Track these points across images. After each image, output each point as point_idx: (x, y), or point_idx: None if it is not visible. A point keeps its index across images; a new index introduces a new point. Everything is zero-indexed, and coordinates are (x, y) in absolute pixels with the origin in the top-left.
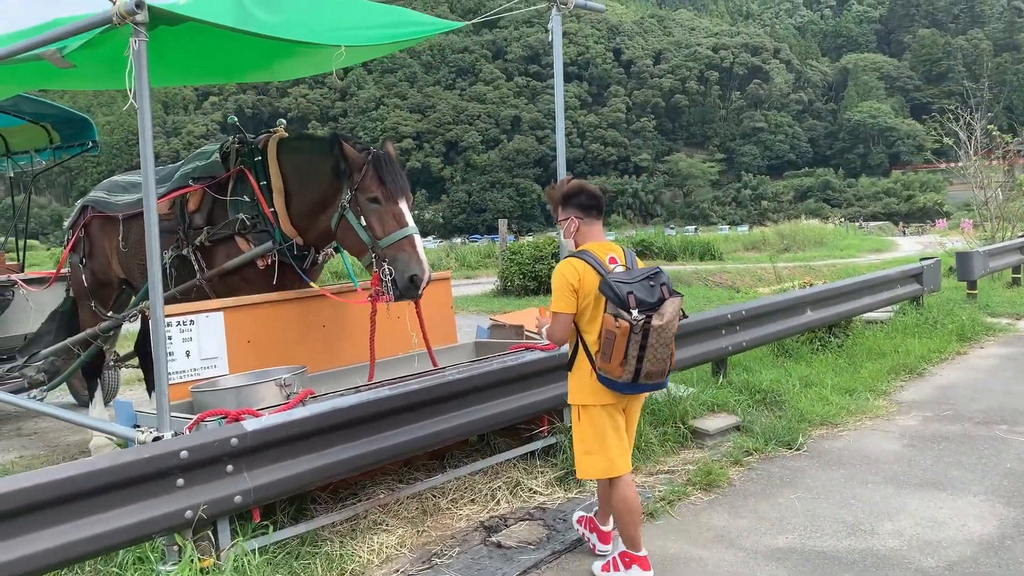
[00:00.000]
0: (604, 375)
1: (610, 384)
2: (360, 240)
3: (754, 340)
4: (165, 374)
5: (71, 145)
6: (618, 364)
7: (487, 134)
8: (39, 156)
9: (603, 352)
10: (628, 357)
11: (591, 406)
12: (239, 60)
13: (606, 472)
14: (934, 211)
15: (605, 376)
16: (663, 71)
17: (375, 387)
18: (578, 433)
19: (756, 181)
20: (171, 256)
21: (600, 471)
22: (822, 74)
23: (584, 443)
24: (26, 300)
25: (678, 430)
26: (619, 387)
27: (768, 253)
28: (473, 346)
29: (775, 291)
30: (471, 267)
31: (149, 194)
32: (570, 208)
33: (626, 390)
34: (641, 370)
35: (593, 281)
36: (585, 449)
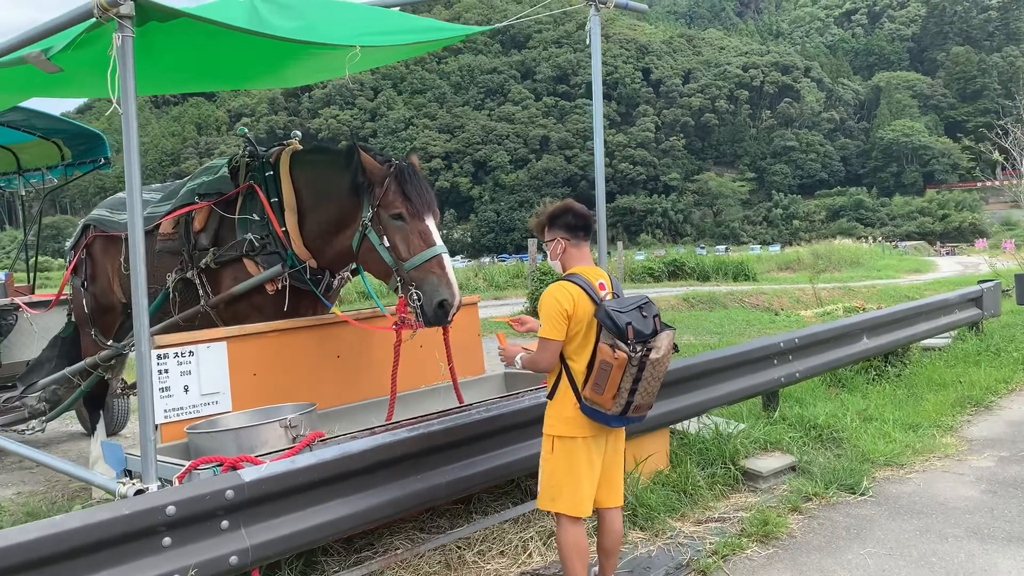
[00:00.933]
0: (592, 406)
1: (596, 415)
2: (383, 262)
3: (808, 370)
4: (151, 414)
5: (83, 162)
6: (611, 396)
7: (516, 154)
8: (50, 173)
9: (596, 383)
10: (621, 390)
11: (570, 438)
12: (243, 65)
13: (571, 510)
14: (970, 230)
15: (593, 407)
16: (692, 90)
17: (392, 428)
18: (549, 465)
19: (787, 200)
20: (175, 280)
21: (565, 507)
22: (854, 92)
23: (555, 476)
24: (30, 324)
25: (728, 471)
26: (606, 419)
27: (803, 273)
28: (502, 378)
29: (818, 314)
30: (499, 287)
31: (134, 210)
32: (556, 229)
33: (613, 422)
34: (632, 403)
35: (587, 307)
36: (554, 483)
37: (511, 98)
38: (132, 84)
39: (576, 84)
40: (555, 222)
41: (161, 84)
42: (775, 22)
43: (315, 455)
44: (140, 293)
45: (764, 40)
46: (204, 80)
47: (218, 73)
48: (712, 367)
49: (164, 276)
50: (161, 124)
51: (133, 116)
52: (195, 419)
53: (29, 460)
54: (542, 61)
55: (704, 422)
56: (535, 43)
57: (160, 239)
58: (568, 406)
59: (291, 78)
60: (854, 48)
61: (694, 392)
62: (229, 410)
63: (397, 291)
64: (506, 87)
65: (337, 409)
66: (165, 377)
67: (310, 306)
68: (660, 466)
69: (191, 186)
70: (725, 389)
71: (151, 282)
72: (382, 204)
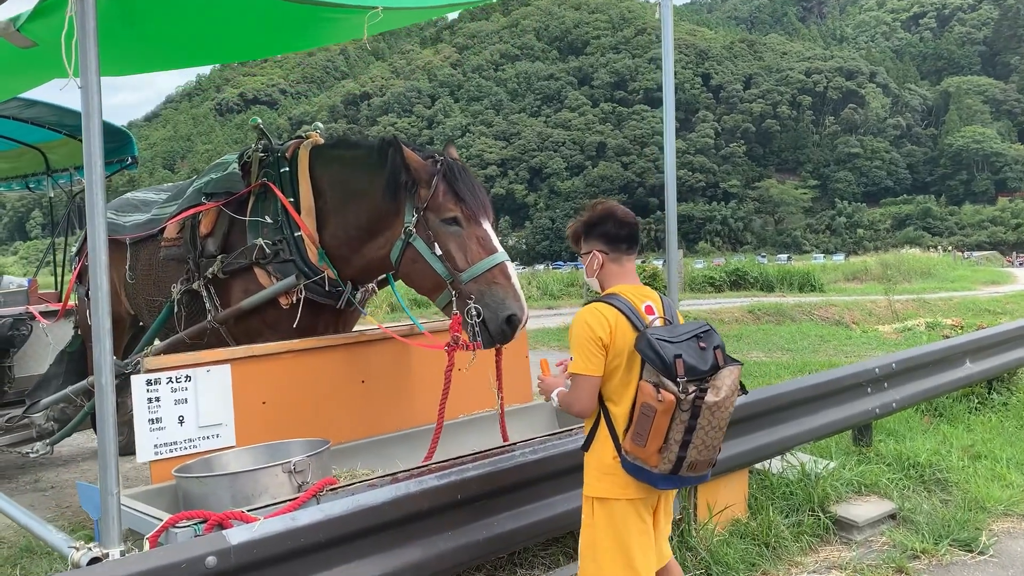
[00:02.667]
0: (634, 461)
1: (639, 474)
2: (435, 274)
3: (905, 399)
4: (112, 460)
5: (109, 162)
6: (655, 450)
7: (571, 160)
8: (78, 174)
9: (636, 432)
10: (669, 441)
11: (613, 500)
12: (237, 34)
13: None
14: None
15: (635, 463)
16: (753, 96)
17: (419, 474)
18: (588, 536)
19: (851, 208)
20: (180, 291)
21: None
22: (921, 98)
23: (596, 548)
24: (45, 335)
25: (817, 520)
26: (652, 479)
27: (871, 284)
28: (552, 407)
29: (897, 330)
30: (553, 296)
31: (95, 209)
32: (593, 239)
33: (660, 484)
34: (685, 459)
35: (627, 335)
36: (596, 557)
37: (568, 104)
38: (94, 51)
39: (634, 90)
40: (592, 231)
41: (149, 59)
42: (839, 27)
43: (322, 509)
44: (102, 313)
45: (828, 45)
46: (202, 51)
47: (205, 44)
48: (798, 397)
49: (169, 287)
50: (225, 132)
51: (96, 91)
52: (191, 456)
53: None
54: (599, 67)
55: (788, 460)
56: (593, 49)
57: (164, 244)
58: (607, 460)
59: (296, 42)
60: (922, 52)
61: (777, 427)
62: (233, 445)
63: (449, 307)
64: (563, 93)
65: (361, 443)
66: (156, 406)
67: (331, 322)
68: (737, 513)
69: (198, 185)
70: (813, 423)
71: (155, 293)
72: (431, 207)
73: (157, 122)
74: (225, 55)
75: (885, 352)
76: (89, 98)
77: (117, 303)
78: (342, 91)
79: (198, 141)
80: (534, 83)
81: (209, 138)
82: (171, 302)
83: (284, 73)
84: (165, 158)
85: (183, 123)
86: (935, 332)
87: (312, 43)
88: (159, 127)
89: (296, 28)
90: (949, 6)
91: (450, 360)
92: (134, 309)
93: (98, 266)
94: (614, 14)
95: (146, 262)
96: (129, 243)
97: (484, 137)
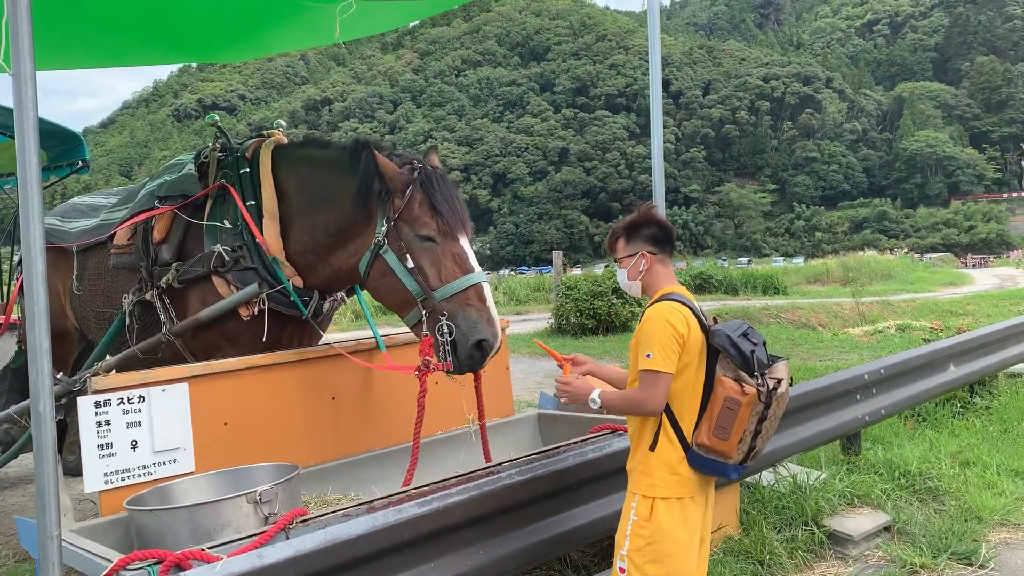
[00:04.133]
0: (709, 456)
1: (712, 467)
2: (405, 290)
3: (893, 406)
4: (52, 496)
5: (59, 165)
6: (736, 442)
7: (535, 166)
8: None
9: (720, 426)
10: (746, 432)
11: (677, 499)
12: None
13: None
14: (997, 242)
15: (710, 457)
16: (712, 101)
17: (397, 501)
18: (642, 536)
19: (809, 212)
20: (132, 302)
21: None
22: (876, 103)
23: (654, 549)
24: None
25: (812, 534)
26: (725, 470)
27: (833, 286)
28: (535, 420)
29: (868, 332)
30: (520, 301)
31: (30, 211)
32: (639, 241)
33: (733, 473)
34: (755, 448)
35: (698, 333)
36: (651, 558)
37: (530, 110)
38: (27, 33)
39: (595, 96)
40: (636, 234)
41: (100, 52)
42: (796, 33)
43: (292, 545)
44: (40, 330)
45: (785, 51)
46: (157, 48)
47: (175, 38)
48: (789, 407)
49: (119, 297)
50: (183, 138)
51: (30, 78)
52: (146, 484)
53: None
54: (561, 73)
55: (779, 472)
56: (554, 55)
57: (115, 252)
58: (674, 459)
59: (270, 44)
60: (876, 59)
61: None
62: (192, 471)
63: (419, 327)
64: (525, 99)
65: (332, 465)
66: (106, 430)
67: (295, 335)
68: (729, 529)
69: (151, 187)
70: (804, 432)
71: (105, 305)
72: (404, 218)
73: (114, 128)
74: (180, 54)
75: (860, 355)
76: (22, 86)
77: (62, 316)
78: (302, 96)
79: (155, 148)
80: (496, 89)
81: (167, 144)
82: (122, 314)
83: (243, 79)
84: (122, 165)
85: (140, 129)
86: (906, 335)
87: (283, 45)
88: (115, 133)
89: (264, 25)
90: (902, 13)
91: (422, 386)
92: (80, 323)
93: (34, 277)
94: (575, 20)
95: (94, 271)
96: (76, 251)
97: (447, 143)
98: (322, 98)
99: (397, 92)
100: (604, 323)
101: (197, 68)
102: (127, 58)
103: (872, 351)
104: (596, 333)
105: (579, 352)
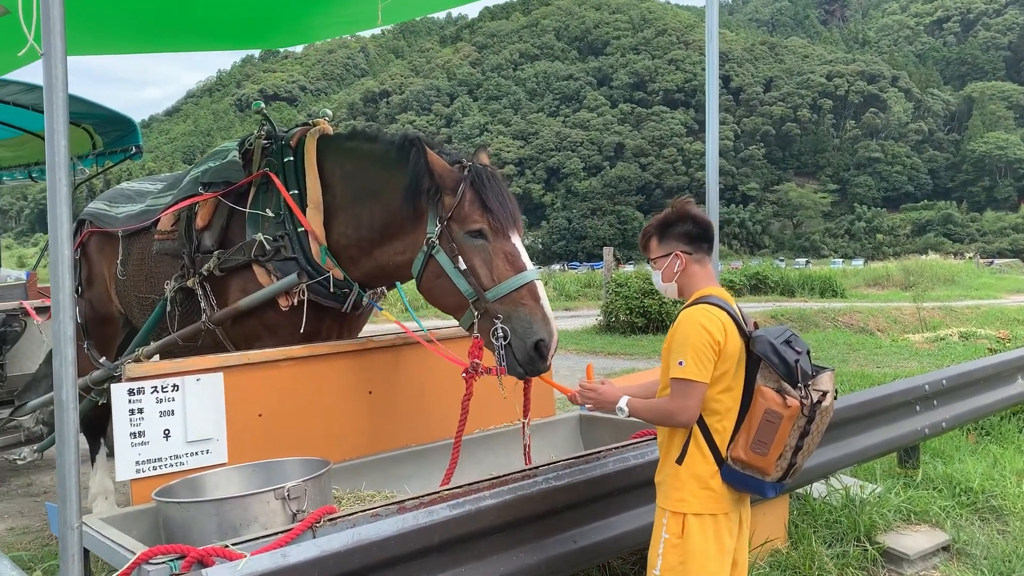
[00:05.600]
0: (745, 471)
1: (748, 484)
2: (457, 292)
3: (955, 419)
4: (73, 488)
5: (114, 151)
6: (776, 458)
7: (589, 161)
8: (82, 163)
9: (759, 441)
10: (787, 448)
11: (710, 515)
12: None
13: None
14: None
15: (746, 473)
16: (773, 99)
17: (429, 503)
18: (677, 552)
19: (871, 213)
20: (174, 288)
21: None
22: (944, 103)
23: (687, 568)
24: (39, 332)
25: (864, 551)
26: (761, 488)
27: (893, 290)
28: (576, 422)
29: (929, 339)
30: (570, 297)
31: (57, 198)
32: (673, 240)
33: (769, 492)
34: (795, 465)
35: (736, 340)
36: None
37: (586, 104)
38: (59, 14)
39: (653, 91)
40: (669, 232)
41: (134, 39)
42: (861, 30)
43: (317, 544)
44: (64, 317)
45: (850, 48)
46: (195, 35)
47: (214, 26)
48: (844, 416)
49: (162, 283)
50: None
51: (60, 59)
52: (178, 475)
53: None
54: (619, 68)
55: (831, 484)
56: (612, 50)
57: (158, 237)
58: (706, 473)
59: (311, 31)
60: (945, 57)
61: (821, 447)
62: (224, 462)
63: (472, 328)
64: (582, 93)
65: (367, 460)
66: (139, 419)
67: (335, 327)
68: (777, 542)
69: (195, 173)
70: (858, 443)
71: (147, 290)
72: (455, 217)
73: (178, 116)
74: (226, 40)
75: (920, 362)
76: (52, 67)
77: (107, 301)
78: (361, 88)
79: (218, 136)
80: (553, 83)
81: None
82: (164, 300)
83: (304, 70)
84: (185, 152)
85: (203, 118)
86: (970, 343)
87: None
88: (180, 121)
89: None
90: (974, 11)
91: (468, 388)
92: (124, 307)
93: (60, 263)
94: (634, 15)
95: (138, 257)
96: (121, 236)
97: (502, 136)
98: (380, 90)
99: (454, 85)
100: (654, 321)
101: (259, 59)
102: (160, 44)
103: (933, 359)
104: (646, 332)
105: (627, 351)
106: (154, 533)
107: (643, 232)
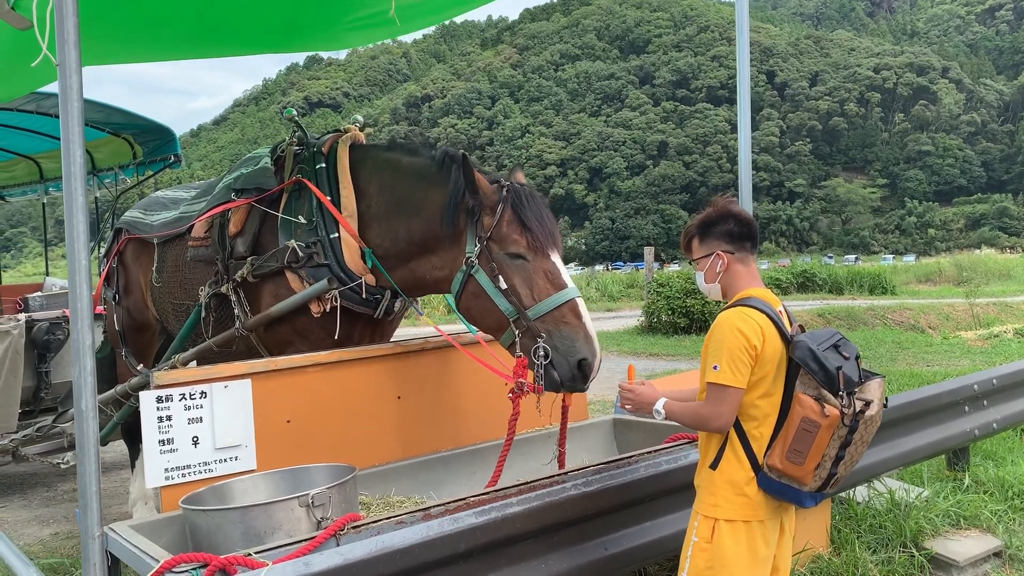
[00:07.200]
0: (781, 480)
1: (785, 493)
2: (498, 311)
3: (1006, 420)
4: (94, 496)
5: (154, 160)
6: (812, 468)
7: (632, 160)
8: (123, 173)
9: (794, 450)
10: (825, 458)
11: (744, 522)
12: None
13: None
14: None
15: (783, 482)
16: (820, 93)
17: (455, 509)
18: (706, 556)
19: (922, 208)
20: (208, 294)
21: None
22: (997, 93)
23: (714, 574)
24: None
25: (911, 557)
26: (798, 497)
27: (946, 286)
28: (611, 425)
29: (982, 336)
30: (613, 298)
31: (74, 206)
32: (714, 239)
33: (807, 501)
34: (835, 475)
35: (776, 344)
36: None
37: (628, 103)
38: (73, 22)
39: (696, 88)
40: (711, 231)
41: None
42: (910, 21)
43: (341, 552)
44: (83, 326)
45: (898, 40)
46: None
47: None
48: (890, 417)
49: (196, 290)
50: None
51: (75, 69)
52: (207, 481)
53: None
54: (661, 66)
55: (875, 488)
56: (654, 47)
57: (192, 244)
58: (742, 479)
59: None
60: (998, 46)
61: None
62: (253, 469)
63: (513, 348)
64: (624, 92)
65: (396, 466)
66: (167, 426)
67: (366, 333)
68: (818, 548)
69: (228, 180)
70: (904, 445)
71: (182, 296)
72: (494, 237)
73: (226, 125)
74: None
75: (972, 360)
76: (67, 77)
77: (144, 308)
78: (404, 93)
79: (264, 143)
80: (594, 83)
81: (274, 140)
82: (199, 306)
83: (347, 76)
84: (233, 160)
85: (250, 126)
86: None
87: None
88: (227, 130)
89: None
90: None
91: (515, 408)
92: (160, 314)
93: (77, 273)
94: (676, 12)
95: (173, 263)
96: (156, 243)
97: (543, 137)
98: (423, 95)
99: (496, 88)
100: (697, 322)
101: (304, 67)
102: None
103: (986, 357)
104: (688, 332)
105: (669, 352)
106: (182, 540)
107: (684, 232)
